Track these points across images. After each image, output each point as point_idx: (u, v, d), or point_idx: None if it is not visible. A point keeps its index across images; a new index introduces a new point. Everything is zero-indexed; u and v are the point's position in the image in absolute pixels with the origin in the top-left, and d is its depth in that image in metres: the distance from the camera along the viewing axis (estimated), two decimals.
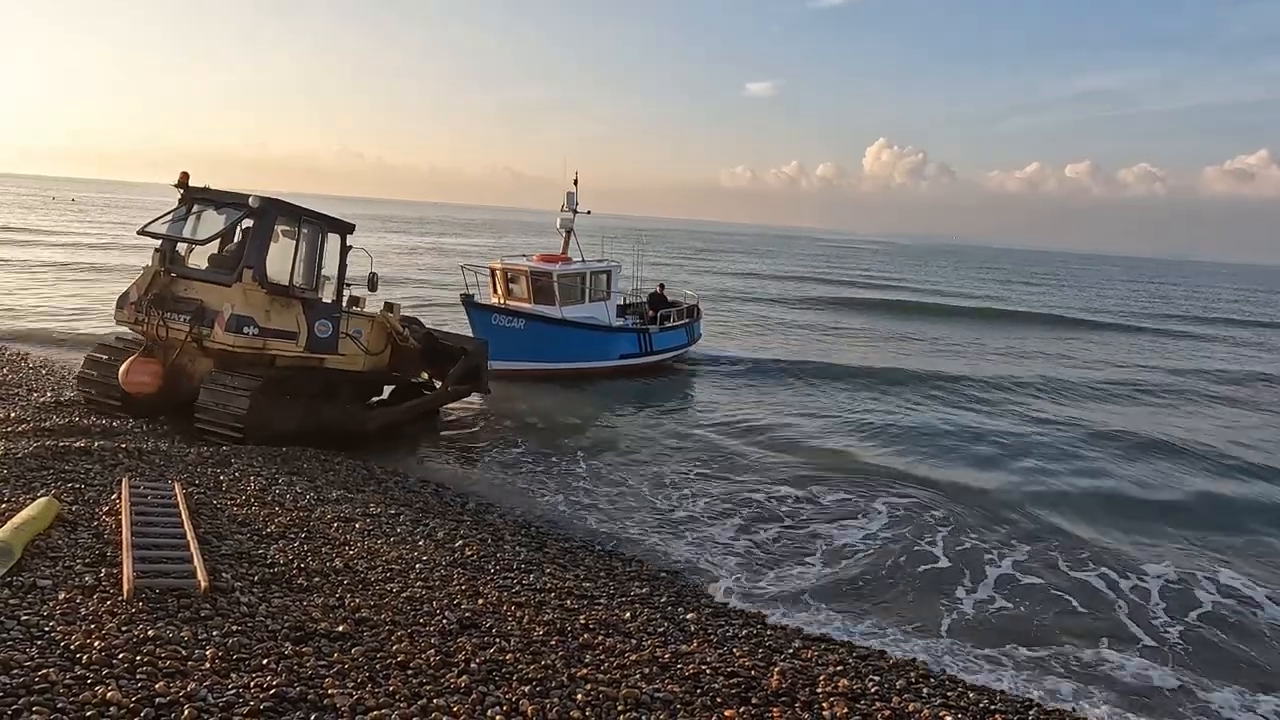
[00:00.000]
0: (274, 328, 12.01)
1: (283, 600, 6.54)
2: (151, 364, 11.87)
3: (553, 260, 21.27)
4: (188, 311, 11.77)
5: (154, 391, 11.90)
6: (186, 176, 12.68)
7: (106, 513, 7.75)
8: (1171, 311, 62.74)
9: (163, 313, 11.84)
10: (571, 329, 20.22)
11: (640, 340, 22.36)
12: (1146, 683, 8.17)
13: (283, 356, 12.31)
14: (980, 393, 23.34)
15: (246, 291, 11.81)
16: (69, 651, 5.14)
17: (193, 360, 12.17)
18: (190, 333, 11.65)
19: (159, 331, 11.90)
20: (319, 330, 12.63)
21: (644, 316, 23.38)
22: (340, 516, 9.13)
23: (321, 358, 12.87)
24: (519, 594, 7.69)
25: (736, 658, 6.90)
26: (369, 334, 13.76)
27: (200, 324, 11.64)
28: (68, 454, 9.61)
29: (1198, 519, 13.61)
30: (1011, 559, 11.14)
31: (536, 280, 20.53)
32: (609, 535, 10.54)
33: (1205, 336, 46.52)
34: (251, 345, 11.79)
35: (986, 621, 9.27)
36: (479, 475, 12.99)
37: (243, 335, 11.62)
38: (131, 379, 11.72)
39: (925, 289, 64.94)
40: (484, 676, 5.76)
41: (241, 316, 11.62)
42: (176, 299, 12.00)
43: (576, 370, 20.33)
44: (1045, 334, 41.11)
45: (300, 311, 12.43)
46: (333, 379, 13.21)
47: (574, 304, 20.71)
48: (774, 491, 13.24)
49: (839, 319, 40.62)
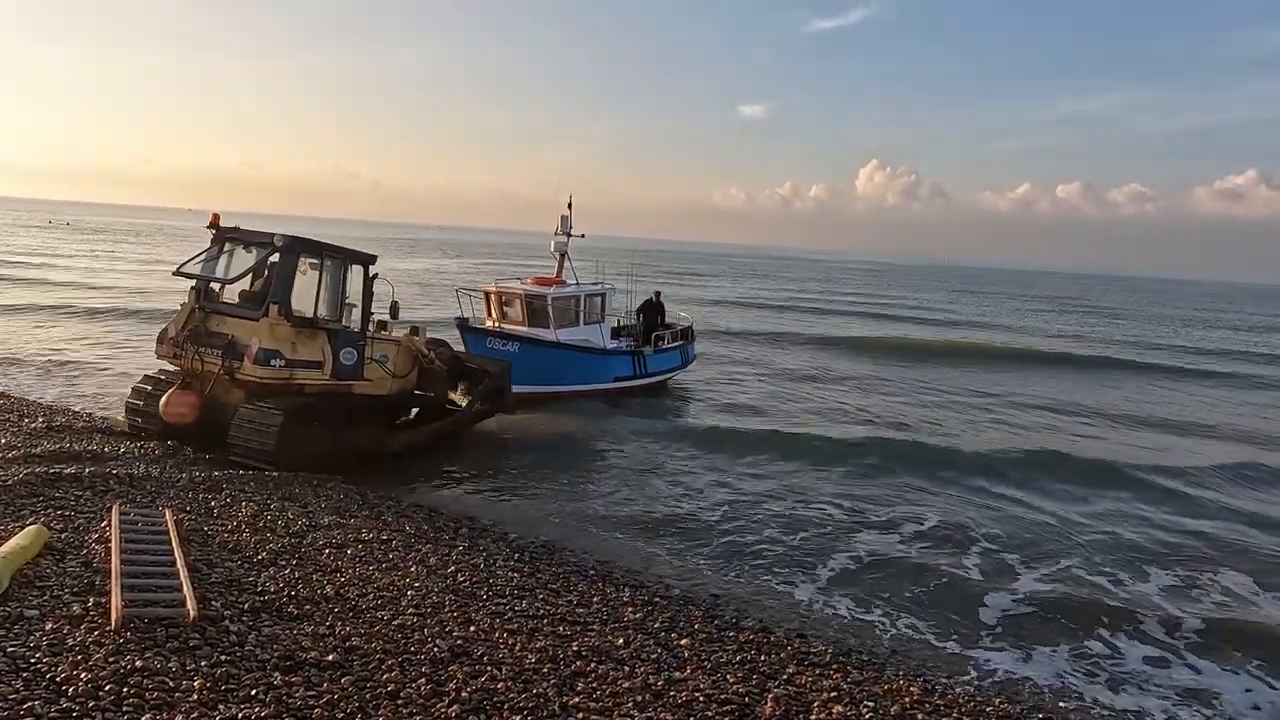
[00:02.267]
0: (300, 358, 12.68)
1: (272, 629, 6.50)
2: (189, 396, 12.58)
3: (547, 283, 21.25)
4: (220, 346, 12.45)
5: (192, 421, 12.58)
6: (218, 218, 13.50)
7: (96, 540, 7.71)
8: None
9: (198, 348, 12.57)
10: (566, 352, 20.20)
11: (635, 362, 22.32)
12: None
13: (310, 385, 12.91)
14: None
15: (273, 326, 12.49)
16: (55, 683, 5.09)
17: (226, 391, 12.80)
18: (222, 366, 12.34)
19: (195, 365, 12.61)
20: (344, 358, 13.30)
21: (638, 339, 23.32)
22: (332, 542, 9.08)
23: (349, 384, 13.49)
24: (511, 621, 7.65)
25: (730, 684, 6.85)
26: (395, 358, 14.39)
27: (231, 358, 12.32)
28: (58, 480, 9.56)
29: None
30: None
31: (531, 303, 20.50)
32: (602, 560, 10.48)
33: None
34: (279, 376, 12.44)
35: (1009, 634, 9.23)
36: (472, 500, 12.93)
37: (270, 368, 12.30)
38: (170, 410, 12.45)
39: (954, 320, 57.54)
40: (475, 706, 5.72)
41: (268, 350, 12.31)
42: (210, 334, 12.71)
43: (571, 393, 20.28)
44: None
45: (325, 341, 13.07)
46: (359, 404, 13.79)
47: (568, 327, 20.69)
48: (770, 511, 13.19)
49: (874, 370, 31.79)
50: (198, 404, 12.56)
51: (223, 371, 12.41)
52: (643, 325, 23.78)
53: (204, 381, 12.67)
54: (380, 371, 14.07)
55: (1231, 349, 49.61)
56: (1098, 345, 45.95)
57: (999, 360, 36.69)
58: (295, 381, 12.67)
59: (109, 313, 30.42)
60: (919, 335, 43.70)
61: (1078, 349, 42.55)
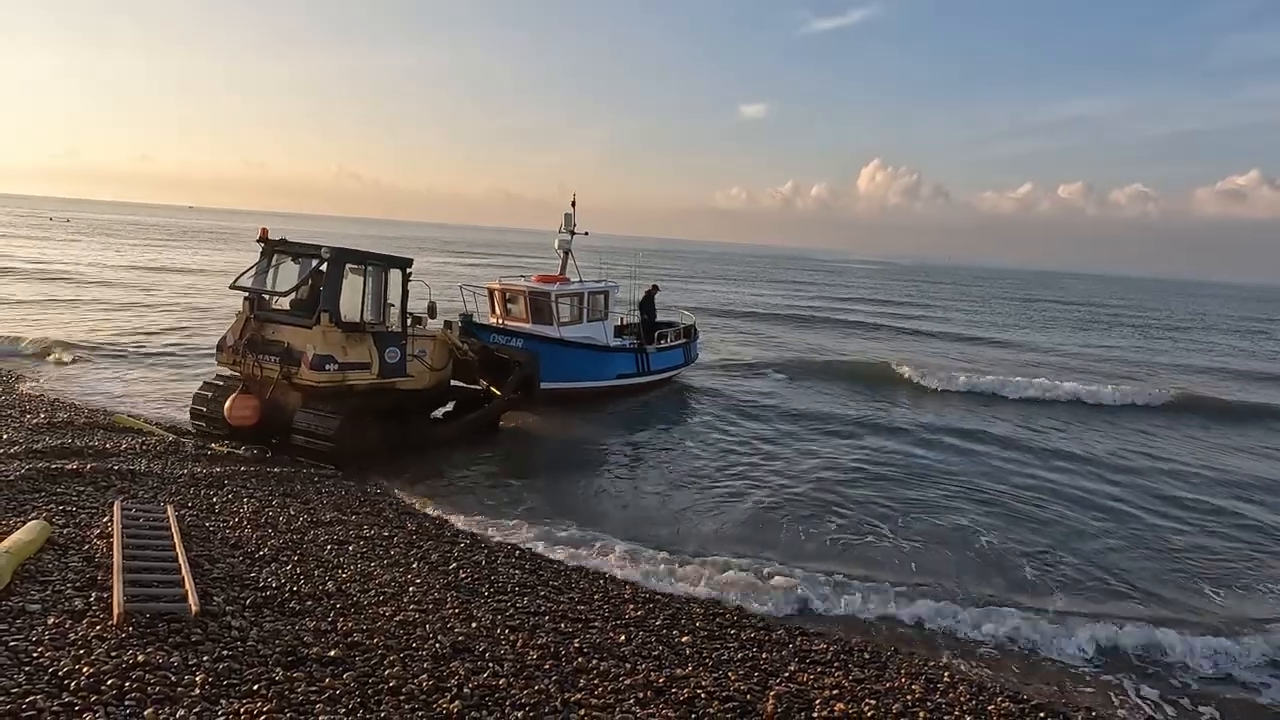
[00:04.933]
0: (351, 361, 13.61)
1: (274, 624, 6.49)
2: (251, 399, 13.46)
3: (551, 281, 21.40)
4: (277, 353, 13.39)
5: (254, 423, 13.43)
6: (266, 232, 14.39)
7: (98, 535, 7.71)
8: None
9: (256, 355, 13.48)
10: (569, 349, 20.27)
11: (638, 360, 22.45)
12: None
13: (359, 384, 13.81)
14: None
15: (325, 332, 13.35)
16: (57, 678, 5.09)
17: (284, 394, 13.68)
18: (281, 371, 13.28)
19: (254, 371, 13.53)
20: (389, 357, 14.24)
21: (640, 336, 23.40)
22: (334, 539, 9.09)
23: (393, 381, 14.41)
24: (513, 617, 7.64)
25: (731, 681, 6.85)
26: (432, 352, 15.57)
27: (289, 363, 13.23)
28: (60, 476, 9.57)
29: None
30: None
31: (535, 300, 20.68)
32: (603, 557, 10.46)
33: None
34: (334, 379, 13.35)
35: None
36: (473, 498, 12.93)
37: (325, 372, 13.20)
38: (235, 413, 13.34)
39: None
40: (476, 702, 5.72)
41: (323, 355, 13.19)
42: (266, 342, 13.62)
43: (574, 390, 20.32)
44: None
45: (371, 343, 13.98)
46: (403, 399, 14.79)
47: (572, 324, 20.83)
48: (776, 509, 13.18)
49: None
50: (259, 407, 13.42)
51: (281, 376, 13.29)
52: (643, 323, 23.90)
53: (264, 386, 13.56)
54: (420, 366, 15.13)
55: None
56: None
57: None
58: (347, 383, 13.56)
59: (108, 305, 30.46)
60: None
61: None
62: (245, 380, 13.74)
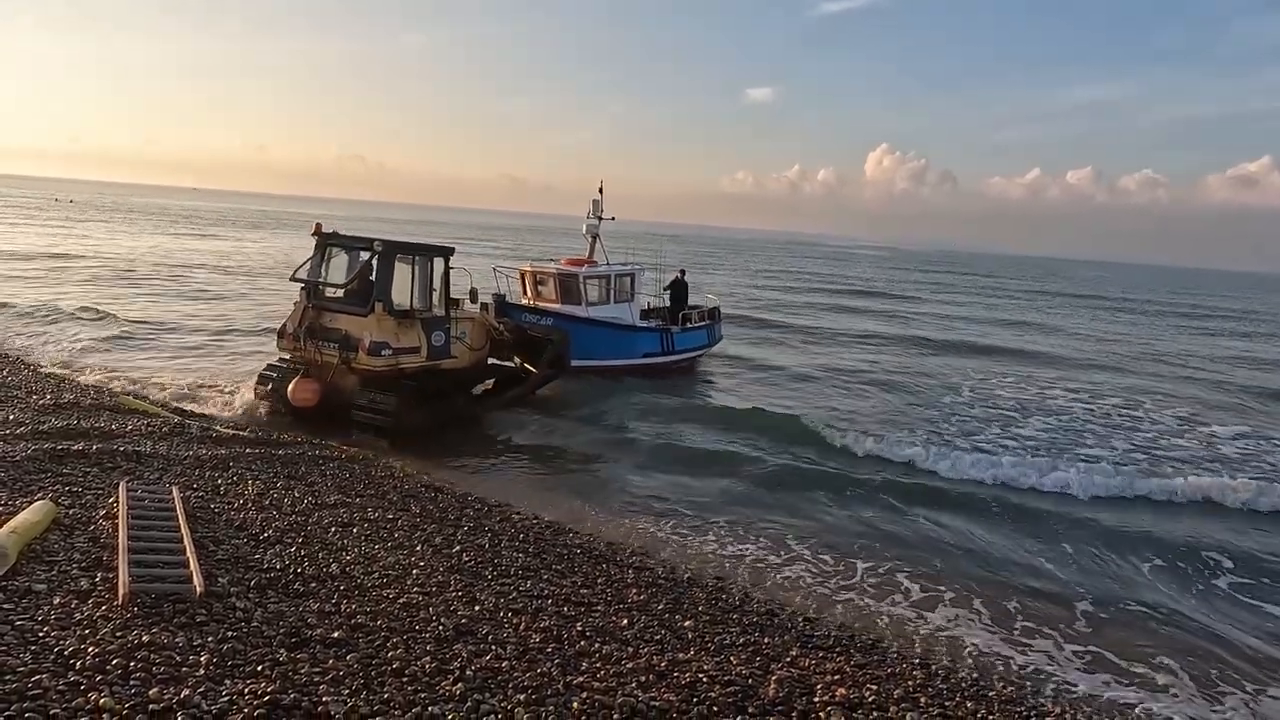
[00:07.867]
0: (403, 346, 14.63)
1: (278, 605, 6.52)
2: (312, 383, 14.49)
3: (579, 263, 22.16)
4: (335, 340, 14.43)
5: (315, 405, 14.41)
6: (320, 226, 15.37)
7: (104, 516, 7.74)
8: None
9: (316, 342, 14.50)
10: (596, 327, 20.91)
11: (663, 340, 23.03)
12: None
13: (410, 367, 14.78)
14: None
15: (379, 320, 14.37)
16: (62, 657, 5.12)
17: (342, 377, 14.70)
18: (340, 357, 14.31)
19: (315, 357, 14.58)
20: (435, 340, 15.24)
21: (665, 319, 23.83)
22: (338, 521, 9.12)
23: (439, 362, 15.38)
24: (516, 600, 7.67)
25: (733, 666, 6.87)
26: (472, 333, 16.58)
27: (347, 350, 14.28)
28: (65, 457, 9.61)
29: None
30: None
31: (564, 282, 21.49)
32: (609, 541, 10.50)
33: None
34: (389, 364, 14.39)
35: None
36: (478, 479, 12.98)
37: (381, 357, 14.25)
38: (298, 396, 14.43)
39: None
40: (479, 684, 5.74)
41: (378, 342, 14.24)
42: (325, 329, 14.63)
43: (601, 368, 20.71)
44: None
45: (420, 328, 14.96)
46: (448, 378, 15.78)
47: (599, 304, 21.54)
48: (783, 496, 13.19)
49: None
50: (320, 390, 14.44)
51: (340, 362, 14.31)
52: (670, 305, 24.46)
53: (323, 370, 14.57)
54: (462, 347, 16.16)
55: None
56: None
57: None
58: (400, 366, 14.54)
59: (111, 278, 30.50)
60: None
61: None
62: (306, 365, 14.67)
